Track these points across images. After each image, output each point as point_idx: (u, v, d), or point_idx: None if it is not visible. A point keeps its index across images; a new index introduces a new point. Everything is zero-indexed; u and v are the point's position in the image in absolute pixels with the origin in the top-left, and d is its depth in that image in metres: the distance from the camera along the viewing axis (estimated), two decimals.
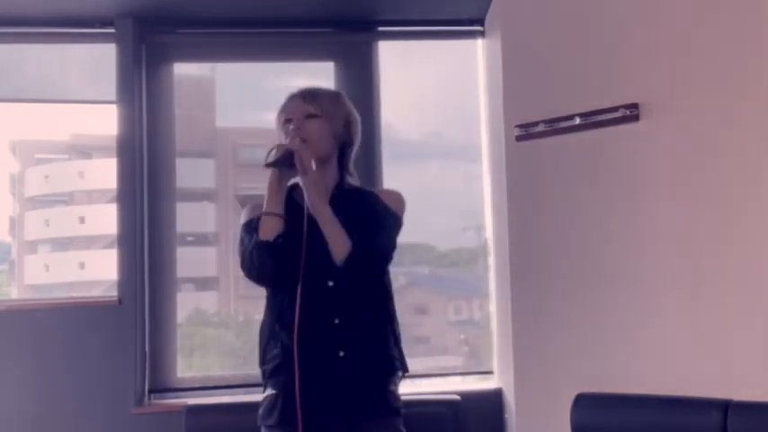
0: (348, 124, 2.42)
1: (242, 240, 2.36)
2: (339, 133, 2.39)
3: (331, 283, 2.25)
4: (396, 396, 2.36)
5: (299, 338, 2.21)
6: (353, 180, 2.47)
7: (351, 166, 2.45)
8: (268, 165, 2.24)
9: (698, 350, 2.82)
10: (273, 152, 2.25)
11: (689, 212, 2.87)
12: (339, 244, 2.24)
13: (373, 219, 2.33)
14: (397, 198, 2.42)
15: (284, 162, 2.25)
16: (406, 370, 2.40)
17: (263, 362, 2.37)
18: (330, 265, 2.24)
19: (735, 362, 2.73)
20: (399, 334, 2.40)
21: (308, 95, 2.38)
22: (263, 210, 2.28)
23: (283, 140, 2.31)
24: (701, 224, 2.84)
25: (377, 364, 2.31)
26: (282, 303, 2.30)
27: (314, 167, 2.26)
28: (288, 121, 2.35)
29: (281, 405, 2.28)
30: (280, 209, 2.27)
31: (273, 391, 2.32)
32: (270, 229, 2.24)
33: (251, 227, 2.33)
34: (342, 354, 2.25)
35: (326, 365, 2.24)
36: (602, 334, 3.04)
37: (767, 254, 2.70)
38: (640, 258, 2.97)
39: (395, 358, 2.36)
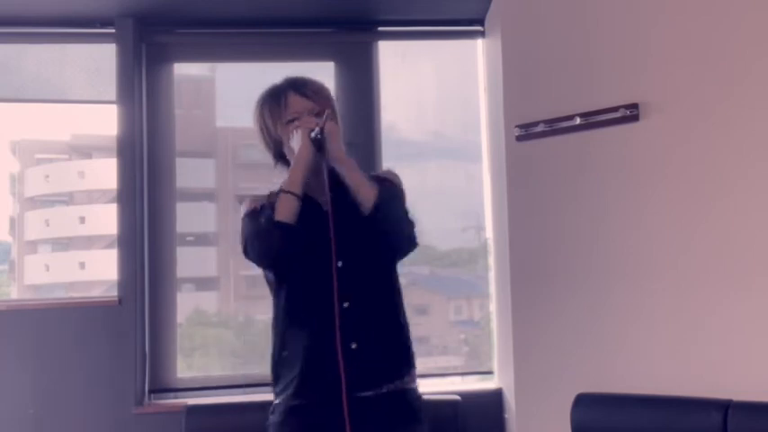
0: (337, 115, 2.30)
1: (244, 228, 2.22)
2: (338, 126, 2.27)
3: (340, 263, 2.14)
4: (417, 395, 2.23)
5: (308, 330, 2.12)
6: None
7: None
8: (315, 139, 2.15)
9: (698, 350, 2.82)
10: (316, 129, 2.16)
11: (689, 212, 2.87)
12: (367, 188, 2.14)
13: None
14: (392, 174, 2.33)
15: (320, 142, 2.17)
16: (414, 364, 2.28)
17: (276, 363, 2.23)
18: (344, 249, 2.14)
19: (735, 362, 2.73)
20: (408, 325, 2.29)
21: (310, 91, 2.26)
22: (283, 186, 2.14)
23: (293, 140, 2.21)
24: (702, 224, 2.84)
25: (392, 359, 2.19)
26: (308, 294, 2.18)
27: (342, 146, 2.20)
28: (294, 120, 2.24)
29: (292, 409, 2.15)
30: (300, 189, 2.15)
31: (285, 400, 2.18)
32: (288, 210, 2.11)
33: (255, 215, 2.20)
34: (354, 346, 2.11)
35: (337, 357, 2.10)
36: (603, 334, 3.04)
37: (767, 253, 2.70)
38: (640, 258, 2.97)
39: (409, 351, 2.24)
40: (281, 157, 2.30)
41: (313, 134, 2.17)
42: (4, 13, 3.53)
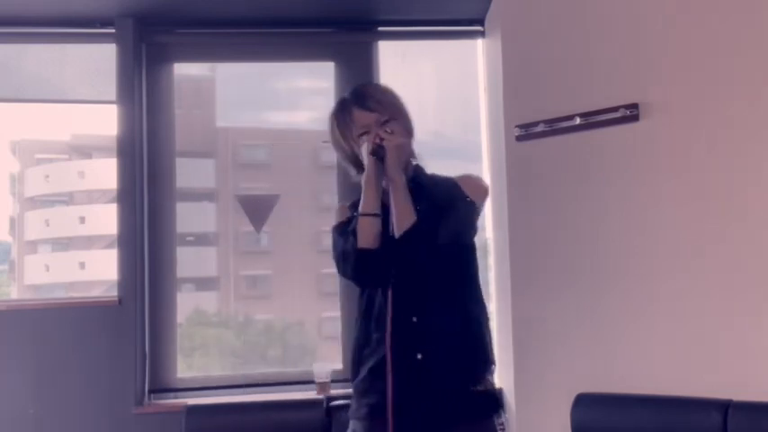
0: (407, 116, 2.37)
1: (335, 243, 2.25)
2: (408, 128, 2.35)
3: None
4: (486, 395, 2.24)
5: (390, 339, 2.14)
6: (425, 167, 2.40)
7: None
8: (372, 153, 2.18)
9: (698, 350, 2.82)
10: (369, 145, 2.19)
11: (689, 212, 2.87)
12: (405, 214, 2.15)
13: (446, 203, 2.24)
14: (476, 185, 2.34)
15: (380, 154, 2.19)
16: (493, 362, 2.28)
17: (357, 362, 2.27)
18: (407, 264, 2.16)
19: (735, 362, 2.73)
20: (487, 323, 2.29)
21: (373, 102, 2.29)
22: (360, 209, 2.17)
23: (364, 153, 2.23)
24: (701, 224, 2.84)
25: (459, 365, 2.20)
26: (373, 303, 2.22)
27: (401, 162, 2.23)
28: (365, 134, 2.26)
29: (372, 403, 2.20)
30: (377, 207, 2.17)
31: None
32: (368, 234, 2.14)
33: (344, 229, 2.23)
34: (420, 356, 2.16)
35: (407, 369, 2.15)
36: (602, 334, 3.04)
37: (767, 253, 2.70)
38: (640, 258, 2.97)
39: (478, 361, 2.25)
40: (362, 167, 2.29)
41: (371, 151, 2.20)
42: (4, 13, 3.53)
